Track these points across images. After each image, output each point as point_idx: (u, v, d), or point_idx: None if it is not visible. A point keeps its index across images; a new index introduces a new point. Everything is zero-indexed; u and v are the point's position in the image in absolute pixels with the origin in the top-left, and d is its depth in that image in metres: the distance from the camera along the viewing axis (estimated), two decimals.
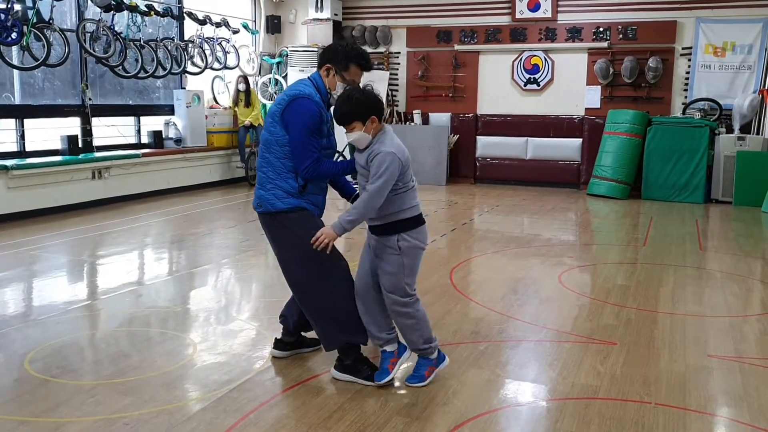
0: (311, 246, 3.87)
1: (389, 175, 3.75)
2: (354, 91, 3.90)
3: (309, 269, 4.03)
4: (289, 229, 4.03)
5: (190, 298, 6.09)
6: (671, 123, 12.02)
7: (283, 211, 4.00)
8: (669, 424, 3.64)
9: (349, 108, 3.82)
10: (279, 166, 3.99)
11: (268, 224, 4.11)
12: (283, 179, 3.99)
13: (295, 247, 4.03)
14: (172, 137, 12.37)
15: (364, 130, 3.82)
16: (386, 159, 3.75)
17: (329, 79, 4.06)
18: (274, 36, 15.13)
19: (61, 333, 4.98)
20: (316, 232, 3.87)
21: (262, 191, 4.05)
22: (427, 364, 4.13)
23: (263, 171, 4.05)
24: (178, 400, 3.87)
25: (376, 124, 3.85)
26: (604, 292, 6.25)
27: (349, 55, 4.04)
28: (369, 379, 4.06)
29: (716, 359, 4.61)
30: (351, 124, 3.83)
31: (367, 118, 3.82)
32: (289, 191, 3.99)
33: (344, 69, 4.04)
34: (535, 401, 3.98)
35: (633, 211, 10.93)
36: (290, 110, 3.93)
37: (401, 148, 3.87)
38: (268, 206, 4.03)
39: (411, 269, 3.97)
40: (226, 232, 8.66)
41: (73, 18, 10.54)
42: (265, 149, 4.03)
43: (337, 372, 4.15)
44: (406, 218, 3.93)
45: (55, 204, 9.67)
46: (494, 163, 13.93)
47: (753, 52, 12.07)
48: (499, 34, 13.71)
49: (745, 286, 6.56)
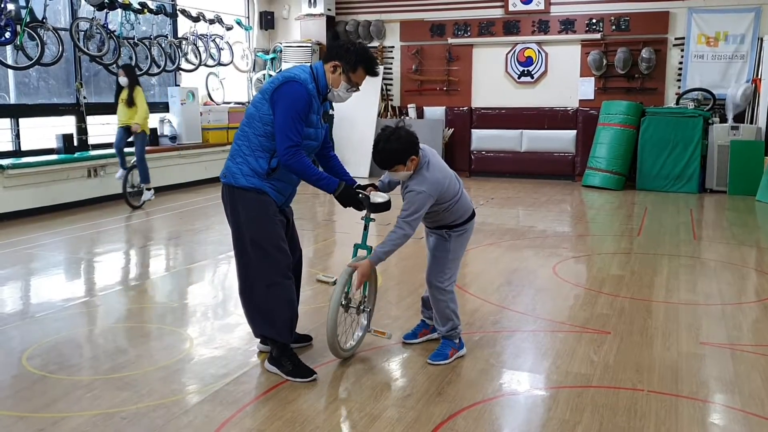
0: (260, 232, 3.98)
1: (417, 209, 4.02)
2: (391, 135, 4.00)
3: (254, 255, 4.04)
4: (244, 209, 4.01)
5: (187, 294, 6.12)
6: (665, 113, 12.06)
7: (244, 187, 3.98)
8: (661, 411, 3.69)
9: (390, 153, 4.00)
10: (255, 143, 3.97)
11: (228, 197, 4.10)
12: (254, 157, 3.97)
13: (246, 227, 4.03)
14: (167, 134, 12.38)
15: (405, 169, 4.04)
16: (416, 199, 4.01)
17: (335, 76, 4.03)
18: (268, 32, 15.14)
19: (58, 330, 5.01)
20: (266, 220, 3.98)
21: (230, 162, 4.05)
22: (451, 345, 4.40)
23: (238, 144, 4.03)
24: (175, 394, 3.90)
25: (415, 160, 4.05)
26: (598, 282, 6.29)
27: (360, 57, 4.01)
28: (290, 375, 4.06)
29: (709, 346, 4.65)
30: (394, 168, 4.04)
31: (408, 159, 4.01)
32: (256, 170, 3.97)
33: (352, 70, 4.02)
34: (530, 390, 4.02)
35: (627, 202, 10.97)
36: (281, 91, 3.91)
37: (436, 179, 4.06)
38: (231, 179, 4.02)
39: (455, 254, 4.33)
40: (222, 228, 8.68)
41: (66, 17, 10.54)
42: (247, 123, 4.02)
43: (268, 364, 4.19)
44: (457, 224, 4.29)
45: (51, 203, 9.68)
46: (489, 156, 13.97)
47: (746, 42, 12.11)
48: (492, 27, 13.73)
49: (739, 274, 6.60)
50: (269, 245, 4.00)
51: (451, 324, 4.38)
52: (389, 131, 4.04)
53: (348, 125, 13.86)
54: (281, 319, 4.07)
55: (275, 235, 4.04)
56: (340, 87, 4.05)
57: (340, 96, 4.11)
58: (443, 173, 4.12)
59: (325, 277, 4.56)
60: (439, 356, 4.35)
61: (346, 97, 4.15)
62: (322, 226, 9.21)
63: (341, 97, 4.12)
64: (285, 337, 4.10)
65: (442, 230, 4.30)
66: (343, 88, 4.06)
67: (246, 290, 4.17)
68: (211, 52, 12.93)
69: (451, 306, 4.37)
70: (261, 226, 4.00)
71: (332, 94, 4.08)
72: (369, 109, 13.86)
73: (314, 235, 8.37)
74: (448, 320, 4.37)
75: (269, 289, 4.04)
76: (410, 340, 4.68)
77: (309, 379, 4.06)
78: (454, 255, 4.34)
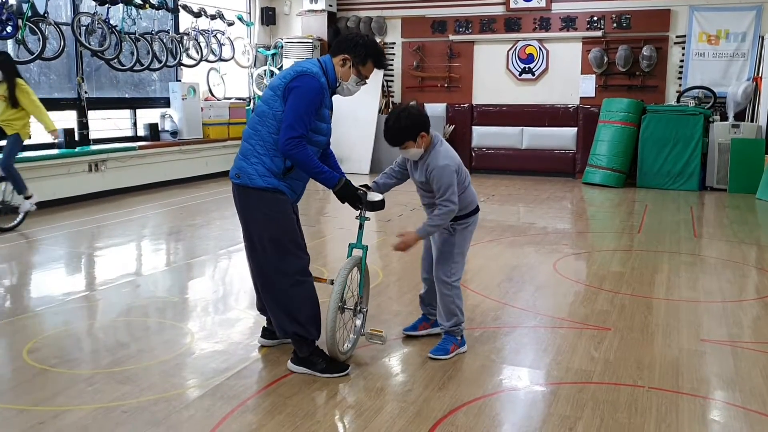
0: (280, 230, 3.95)
1: (451, 181, 4.11)
2: (401, 112, 4.10)
3: (271, 253, 3.98)
4: (262, 209, 3.96)
5: (188, 289, 6.13)
6: (666, 111, 12.05)
7: (261, 188, 3.93)
8: (662, 407, 3.69)
9: (399, 130, 4.09)
10: (270, 142, 3.91)
11: (242, 198, 4.03)
12: (270, 156, 3.91)
13: (263, 227, 3.98)
14: (168, 130, 12.37)
15: (416, 146, 4.11)
16: (444, 174, 4.10)
17: (344, 69, 4.01)
18: (269, 27, 15.12)
19: (59, 324, 5.02)
20: (285, 219, 3.97)
21: (244, 163, 3.97)
22: (453, 341, 4.42)
23: (250, 143, 3.97)
24: (176, 388, 3.90)
25: (425, 138, 4.13)
26: (599, 278, 6.29)
27: (369, 51, 4.01)
28: (324, 372, 4.03)
29: (709, 343, 4.65)
30: (404, 144, 4.11)
31: (417, 135, 4.08)
32: (273, 170, 3.92)
33: (362, 63, 4.01)
34: (530, 386, 4.02)
35: (628, 199, 10.97)
36: (295, 83, 3.86)
37: (452, 156, 4.20)
38: (247, 180, 3.95)
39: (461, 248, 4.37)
40: (223, 224, 8.69)
41: (68, 11, 10.53)
42: (259, 121, 3.95)
43: (292, 365, 4.13)
44: (462, 216, 4.32)
45: (52, 197, 9.68)
46: (490, 153, 13.97)
47: (747, 40, 12.10)
48: (493, 23, 13.72)
49: (740, 272, 6.60)
50: (290, 243, 3.98)
51: (456, 320, 4.40)
52: (399, 109, 4.16)
53: (349, 122, 13.86)
54: (306, 316, 4.02)
55: (295, 233, 4.04)
56: (349, 80, 4.04)
57: (350, 89, 4.09)
58: (455, 153, 4.26)
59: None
60: (441, 351, 4.36)
61: (355, 91, 4.13)
62: (319, 222, 9.21)
63: (350, 90, 4.10)
64: (313, 334, 4.05)
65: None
66: (353, 81, 4.04)
67: (268, 290, 4.08)
68: (213, 48, 12.91)
69: (457, 302, 4.39)
70: (281, 225, 3.98)
71: (342, 87, 4.06)
72: (370, 106, 13.85)
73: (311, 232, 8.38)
74: (453, 316, 4.39)
75: (293, 288, 4.00)
76: (410, 332, 4.72)
77: (344, 373, 4.06)
78: (460, 249, 4.37)
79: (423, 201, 4.44)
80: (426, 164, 4.16)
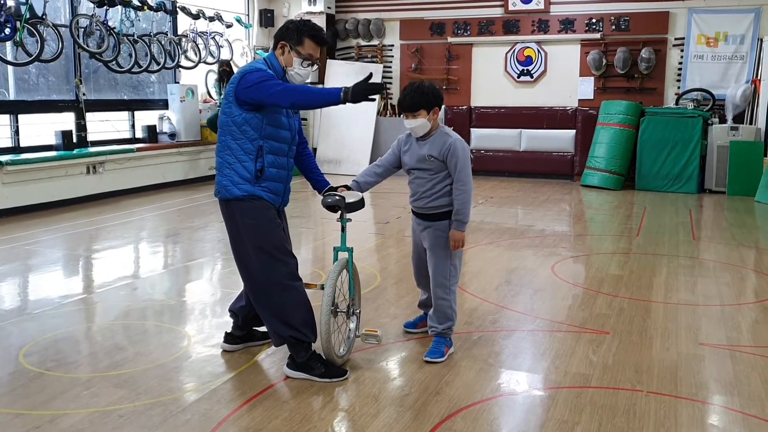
0: (262, 237, 3.95)
1: (467, 156, 4.23)
2: (421, 84, 4.24)
3: (259, 261, 3.98)
4: (243, 219, 3.97)
5: (186, 292, 6.11)
6: (664, 113, 12.06)
7: (238, 198, 3.94)
8: (660, 412, 3.68)
9: (420, 94, 4.19)
10: (236, 149, 3.93)
11: (224, 211, 4.07)
12: (239, 163, 3.92)
13: (246, 236, 3.99)
14: (167, 131, 12.34)
15: (426, 118, 4.20)
16: (461, 146, 4.23)
17: (285, 56, 4.03)
18: (268, 29, 15.11)
19: (56, 326, 5.00)
20: (267, 225, 3.97)
21: (219, 177, 4.00)
22: (445, 343, 4.44)
23: (221, 156, 3.99)
24: (172, 392, 3.89)
25: (437, 114, 4.25)
26: (597, 281, 6.28)
27: (301, 29, 4.02)
28: (323, 377, 4.01)
29: (708, 347, 4.64)
30: (418, 111, 4.19)
31: (432, 107, 4.21)
32: (245, 177, 3.93)
33: (299, 44, 4.01)
34: (528, 390, 4.01)
35: (626, 202, 10.97)
36: (242, 83, 3.87)
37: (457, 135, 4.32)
38: (225, 192, 3.97)
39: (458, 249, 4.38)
40: (221, 226, 8.58)
41: (66, 13, 10.51)
42: (222, 133, 3.98)
43: (289, 370, 4.09)
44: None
45: (50, 199, 9.67)
46: (488, 155, 13.94)
47: (745, 42, 12.11)
48: (492, 26, 13.72)
49: (738, 275, 6.59)
50: (274, 249, 3.97)
51: (450, 324, 4.43)
52: (418, 82, 4.29)
53: (347, 123, 13.85)
54: (300, 319, 4.01)
55: (278, 239, 4.02)
56: (294, 65, 4.03)
57: (298, 74, 4.06)
58: None
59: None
60: (437, 353, 4.36)
61: (306, 74, 4.10)
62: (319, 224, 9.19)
63: (299, 74, 4.06)
64: (309, 337, 4.04)
65: (443, 221, 4.31)
66: (297, 64, 4.03)
67: (259, 298, 4.07)
68: (211, 50, 12.90)
69: (454, 306, 4.43)
70: (263, 232, 3.97)
71: (290, 74, 4.05)
72: (368, 108, 13.83)
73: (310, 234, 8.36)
74: (448, 320, 4.42)
75: (283, 293, 3.99)
76: (408, 329, 4.83)
77: (343, 378, 4.04)
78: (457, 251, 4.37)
79: (417, 189, 4.35)
80: (439, 140, 4.23)
